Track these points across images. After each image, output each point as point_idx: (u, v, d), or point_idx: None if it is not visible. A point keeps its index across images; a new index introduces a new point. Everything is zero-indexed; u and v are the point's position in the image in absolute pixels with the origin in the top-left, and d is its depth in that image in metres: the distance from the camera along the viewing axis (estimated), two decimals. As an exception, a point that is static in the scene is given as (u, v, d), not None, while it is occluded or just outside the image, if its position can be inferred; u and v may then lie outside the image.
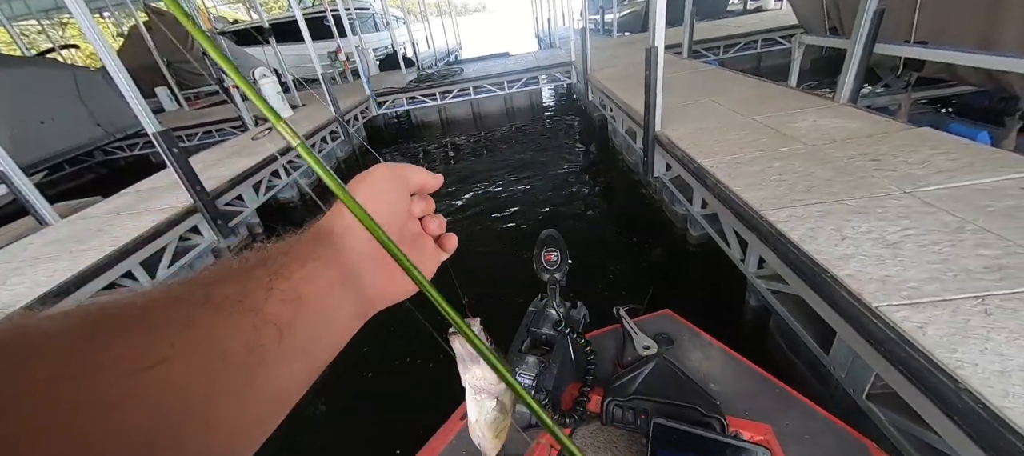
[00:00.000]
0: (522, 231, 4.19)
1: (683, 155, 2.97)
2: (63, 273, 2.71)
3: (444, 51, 16.14)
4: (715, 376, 1.07)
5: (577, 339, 1.04)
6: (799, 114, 3.25)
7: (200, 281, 0.25)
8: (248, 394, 0.24)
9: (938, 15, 3.19)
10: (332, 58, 10.76)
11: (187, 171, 3.50)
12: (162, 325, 0.22)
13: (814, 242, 1.82)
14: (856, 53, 3.14)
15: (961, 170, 2.13)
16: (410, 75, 9.83)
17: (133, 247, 3.06)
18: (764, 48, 7.90)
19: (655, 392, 0.95)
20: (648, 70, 3.16)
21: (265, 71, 6.97)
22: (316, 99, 7.58)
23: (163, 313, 0.22)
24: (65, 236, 3.37)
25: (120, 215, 3.64)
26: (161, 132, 3.33)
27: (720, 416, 0.86)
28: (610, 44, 9.86)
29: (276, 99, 6.95)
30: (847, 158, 2.45)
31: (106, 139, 7.37)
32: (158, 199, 3.87)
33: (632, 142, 4.41)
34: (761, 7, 11.11)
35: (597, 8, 12.38)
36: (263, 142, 5.45)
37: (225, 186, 4.09)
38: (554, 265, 1.03)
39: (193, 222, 3.64)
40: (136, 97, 3.21)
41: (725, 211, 2.42)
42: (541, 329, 1.04)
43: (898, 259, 1.64)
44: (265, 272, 0.28)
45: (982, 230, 1.70)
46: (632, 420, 0.92)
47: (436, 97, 8.10)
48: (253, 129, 6.60)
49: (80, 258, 2.92)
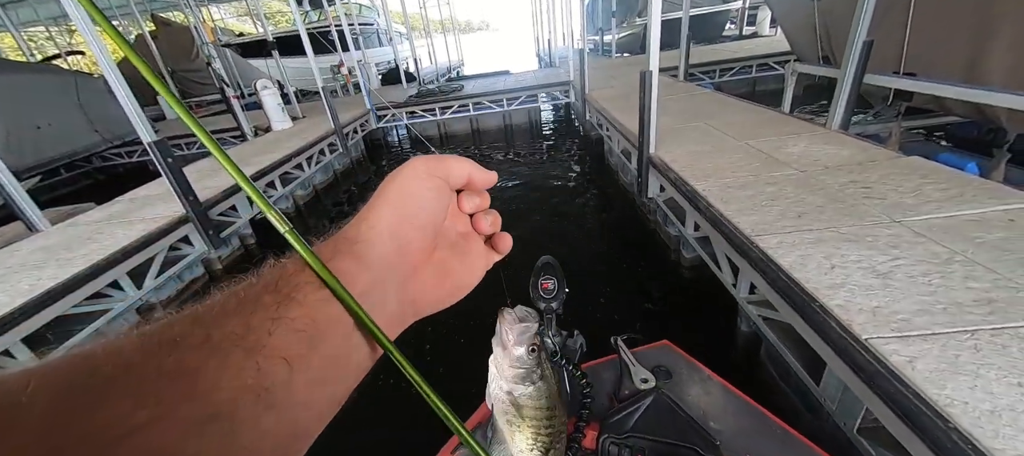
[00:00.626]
0: (515, 250, 4.17)
1: (676, 177, 2.98)
2: (48, 281, 2.67)
3: (446, 67, 16.38)
4: (714, 413, 1.04)
5: (573, 371, 1.01)
6: (791, 140, 3.28)
7: (202, 316, 0.23)
8: (254, 442, 0.22)
9: (926, 48, 3.26)
10: (334, 71, 10.89)
11: (181, 180, 3.49)
12: (152, 379, 0.20)
13: (804, 270, 1.82)
14: (846, 82, 3.19)
15: (951, 200, 2.14)
16: (411, 90, 9.93)
17: (121, 257, 3.02)
18: (759, 73, 8.04)
19: (653, 429, 0.93)
20: (643, 93, 3.20)
21: (267, 83, 7.04)
22: (316, 111, 7.64)
23: (155, 363, 0.20)
24: (54, 243, 3.34)
25: (112, 223, 3.61)
26: (156, 142, 3.33)
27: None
28: (609, 65, 10.02)
29: (276, 110, 7.00)
30: (838, 185, 2.47)
31: (104, 145, 7.38)
32: (151, 207, 3.85)
33: (627, 162, 4.44)
34: (757, 33, 11.37)
35: (597, 29, 12.64)
36: (261, 153, 5.46)
37: (219, 196, 4.07)
38: (551, 293, 1.00)
39: (184, 232, 3.61)
40: (133, 106, 3.23)
41: (717, 235, 2.42)
42: None
43: (888, 289, 1.64)
44: (274, 299, 0.25)
45: (971, 262, 1.70)
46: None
47: (436, 112, 8.18)
48: (252, 139, 6.63)
49: (67, 266, 2.88)
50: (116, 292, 3.05)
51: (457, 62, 18.66)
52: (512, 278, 0.47)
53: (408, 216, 0.32)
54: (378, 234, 0.30)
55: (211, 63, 7.12)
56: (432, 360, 2.94)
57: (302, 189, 5.82)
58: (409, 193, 0.32)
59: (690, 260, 3.27)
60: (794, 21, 4.94)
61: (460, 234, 0.38)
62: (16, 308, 2.42)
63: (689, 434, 0.90)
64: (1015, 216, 1.95)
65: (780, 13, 5.43)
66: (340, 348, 0.27)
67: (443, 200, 0.35)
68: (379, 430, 2.49)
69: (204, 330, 0.22)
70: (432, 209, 0.34)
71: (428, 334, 3.10)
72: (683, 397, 1.07)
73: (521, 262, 1.06)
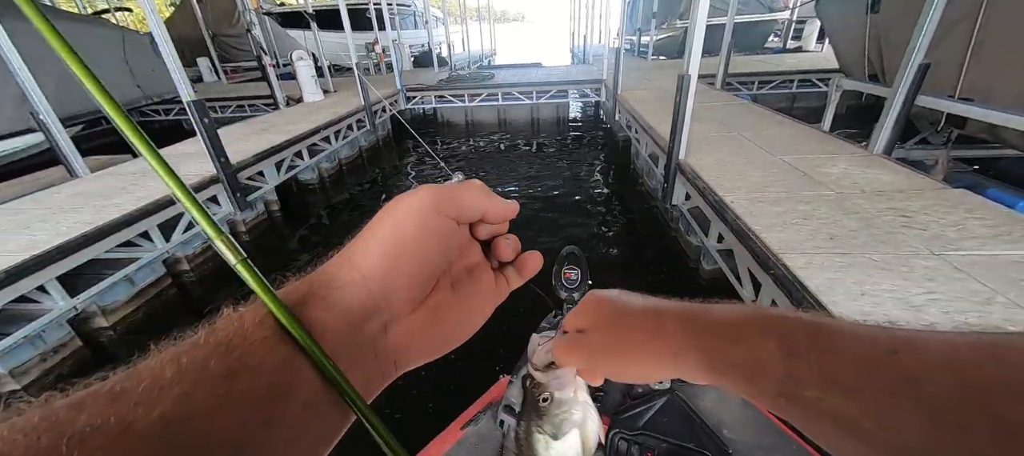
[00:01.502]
0: (533, 241, 4.16)
1: (704, 186, 2.90)
2: (84, 226, 2.80)
3: (478, 55, 16.35)
4: (729, 422, 1.00)
5: None
6: (829, 160, 3.15)
7: (124, 394, 0.17)
8: None
9: (987, 73, 3.07)
10: (369, 49, 11.01)
11: (214, 142, 3.60)
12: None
13: (832, 293, 1.74)
14: (896, 103, 3.03)
15: (997, 238, 2.02)
16: (442, 74, 9.96)
17: (154, 209, 3.15)
18: (800, 88, 7.73)
19: (664, 430, 0.91)
20: (678, 96, 3.12)
21: (302, 54, 7.16)
22: (347, 86, 7.74)
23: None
24: (92, 189, 3.49)
25: (147, 176, 3.75)
26: (195, 101, 3.43)
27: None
28: (644, 66, 9.82)
29: (310, 82, 7.12)
30: (876, 211, 2.36)
31: (144, 101, 7.66)
32: (184, 165, 3.98)
33: (654, 167, 4.35)
34: (801, 48, 10.92)
35: (635, 29, 12.37)
36: (291, 122, 5.57)
37: (250, 160, 4.18)
38: (574, 284, 1.01)
39: (213, 191, 3.73)
40: (177, 65, 3.33)
41: (741, 249, 2.35)
42: None
43: (921, 324, 1.55)
44: (223, 365, 0.20)
45: (1013, 304, 1.61)
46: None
47: (464, 99, 8.18)
48: (284, 108, 6.77)
49: (103, 212, 3.01)
50: (146, 242, 3.18)
51: (490, 51, 18.60)
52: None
53: (400, 263, 0.26)
54: (361, 279, 0.26)
55: (251, 30, 7.27)
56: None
57: (328, 162, 5.92)
58: (405, 235, 0.27)
59: (710, 272, 3.19)
60: (845, 34, 4.71)
61: (466, 268, 0.32)
62: (54, 247, 2.55)
63: (702, 439, 0.88)
64: (1068, 262, 1.82)
65: (830, 25, 5.19)
66: (302, 420, 0.22)
67: (450, 243, 0.30)
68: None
69: (124, 416, 0.16)
70: (433, 256, 0.28)
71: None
72: (698, 402, 1.05)
73: (545, 250, 1.05)
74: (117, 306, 3.04)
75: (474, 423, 1.04)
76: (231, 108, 8.26)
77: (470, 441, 1.00)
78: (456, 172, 0.48)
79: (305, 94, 7.15)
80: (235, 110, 8.23)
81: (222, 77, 10.94)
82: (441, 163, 6.01)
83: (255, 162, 4.26)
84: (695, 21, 2.85)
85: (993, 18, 3.00)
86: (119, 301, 3.05)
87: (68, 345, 2.73)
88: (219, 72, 10.95)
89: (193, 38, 10.64)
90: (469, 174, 4.33)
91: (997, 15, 2.98)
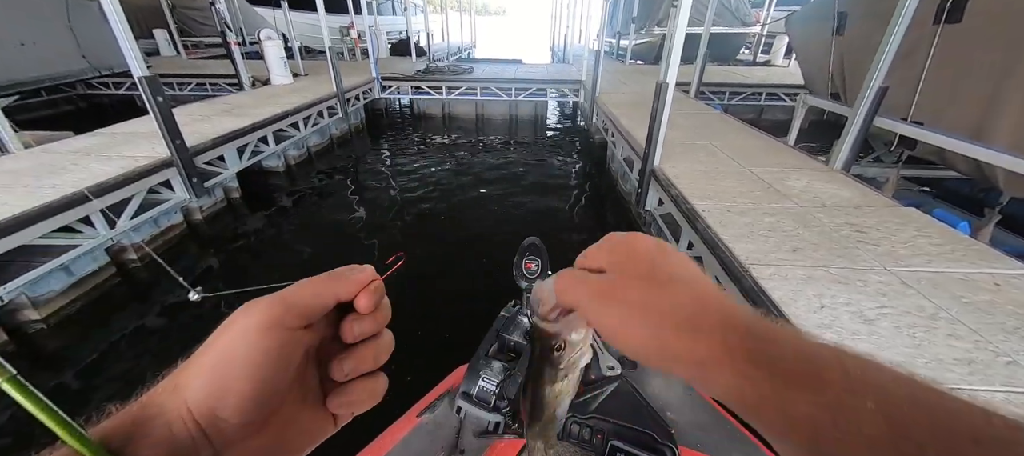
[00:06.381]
0: (502, 238, 4.14)
1: (677, 194, 2.96)
2: (12, 209, 2.53)
3: (457, 46, 16.10)
4: (673, 405, 1.08)
5: None
6: (794, 173, 3.28)
7: None
8: None
9: (938, 100, 3.28)
10: (343, 33, 10.60)
11: (169, 122, 3.34)
12: None
13: (794, 305, 1.81)
14: (856, 123, 3.19)
15: (942, 256, 2.16)
16: (420, 64, 9.73)
17: (96, 192, 2.89)
18: (767, 101, 8.07)
19: (614, 413, 0.96)
20: (656, 104, 3.15)
21: (271, 34, 6.81)
22: (319, 71, 7.42)
23: None
24: (24, 167, 3.17)
25: (89, 155, 3.45)
26: (148, 77, 3.17)
27: (673, 445, 0.88)
28: (621, 70, 9.95)
29: (278, 63, 6.78)
30: (834, 225, 2.47)
31: (91, 73, 7.05)
32: (134, 145, 3.68)
33: (629, 171, 4.41)
34: (770, 61, 11.39)
35: (614, 32, 12.52)
36: (257, 104, 5.28)
37: (208, 144, 3.92)
38: (534, 274, 1.03)
39: (166, 175, 3.47)
40: (127, 35, 3.06)
41: (711, 258, 2.40)
42: (511, 336, 1.03)
43: (874, 337, 1.63)
44: None
45: (956, 320, 1.71)
46: (588, 438, 0.92)
47: (442, 91, 8.02)
48: (249, 89, 6.41)
49: (36, 193, 2.74)
50: (87, 228, 2.92)
51: (469, 43, 18.36)
52: (496, 256, 0.42)
53: (232, 386, 0.24)
54: (187, 411, 0.24)
55: (215, 3, 6.83)
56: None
57: (296, 149, 5.66)
58: (236, 357, 0.25)
59: (678, 277, 3.26)
60: (811, 53, 4.93)
61: (303, 395, 0.29)
62: (-25, 231, 2.29)
63: (647, 421, 0.94)
64: (1001, 281, 1.97)
65: (798, 43, 5.42)
66: None
67: (293, 352, 0.27)
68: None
69: None
70: (270, 373, 0.25)
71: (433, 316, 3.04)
72: (645, 387, 1.11)
73: (511, 244, 1.05)
74: (51, 297, 2.77)
75: (431, 410, 1.05)
76: (190, 86, 7.75)
77: (426, 428, 1.01)
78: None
79: (273, 76, 6.80)
80: (195, 88, 7.72)
81: (181, 52, 10.25)
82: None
83: (215, 146, 4.01)
84: (675, 30, 2.89)
85: (945, 48, 3.20)
86: (53, 292, 2.78)
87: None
88: (178, 46, 10.25)
89: (149, 7, 9.91)
90: (445, 166, 4.23)
91: (948, 45, 3.19)
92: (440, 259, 3.75)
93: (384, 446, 0.98)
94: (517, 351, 1.02)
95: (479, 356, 1.00)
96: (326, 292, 0.28)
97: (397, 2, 16.73)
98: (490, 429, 0.92)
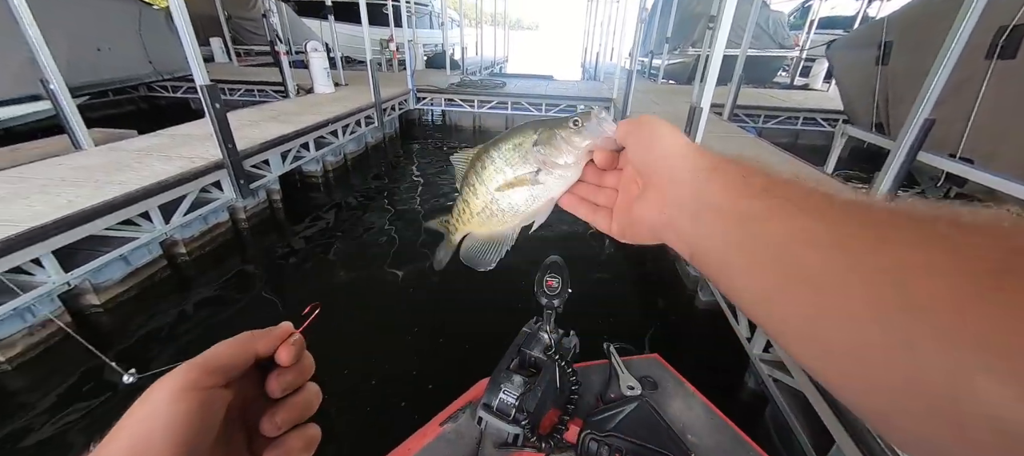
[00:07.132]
0: (524, 249, 4.18)
1: (706, 220, 2.92)
2: (85, 201, 2.78)
3: (491, 60, 16.46)
4: (694, 428, 1.07)
5: (565, 367, 1.06)
6: (831, 204, 3.18)
7: None
8: None
9: (991, 137, 3.13)
10: (383, 45, 11.06)
11: (223, 126, 3.59)
12: None
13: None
14: (899, 157, 3.08)
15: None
16: (454, 78, 10.02)
17: (156, 189, 3.13)
18: (804, 126, 7.84)
19: (632, 433, 0.97)
20: (689, 128, 3.15)
21: (317, 45, 7.18)
22: (358, 81, 7.76)
23: None
24: (95, 164, 3.47)
25: (151, 155, 3.74)
26: (208, 86, 3.43)
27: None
28: (653, 89, 9.91)
29: (321, 73, 7.14)
30: (874, 262, 2.38)
31: (154, 77, 7.64)
32: (190, 147, 3.97)
33: (657, 192, 4.38)
34: (808, 85, 11.07)
35: (647, 51, 12.50)
36: (301, 112, 5.58)
37: (256, 148, 4.18)
38: (554, 291, 1.05)
39: (217, 176, 3.71)
40: (194, 47, 3.32)
41: (739, 287, 2.36)
42: (531, 351, 1.06)
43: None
44: None
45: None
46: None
47: (474, 104, 8.22)
48: (294, 97, 6.78)
49: (104, 188, 3.00)
50: (145, 222, 3.16)
51: (502, 57, 18.73)
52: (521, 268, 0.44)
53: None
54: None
55: (267, 15, 7.30)
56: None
57: (333, 156, 5.92)
58: (155, 427, 0.25)
59: (706, 303, 3.20)
60: (853, 81, 4.79)
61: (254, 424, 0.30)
62: (52, 221, 2.53)
63: (666, 443, 0.94)
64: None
65: (839, 71, 5.27)
66: None
67: (211, 420, 0.27)
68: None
69: None
70: (191, 436, 0.26)
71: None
72: (666, 408, 1.11)
73: (533, 260, 1.09)
74: (110, 284, 3.01)
75: (453, 420, 1.08)
76: (240, 91, 8.25)
77: (448, 437, 1.04)
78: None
79: (316, 85, 7.16)
80: (244, 94, 8.22)
81: (233, 59, 10.94)
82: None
83: (261, 150, 4.26)
84: (712, 53, 2.90)
85: (998, 84, 3.06)
86: (113, 280, 3.02)
87: (56, 320, 2.70)
88: (231, 54, 10.95)
89: (207, 17, 10.67)
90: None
91: (1002, 81, 3.05)
92: (464, 275, 3.81)
93: (408, 451, 1.02)
94: (537, 366, 1.05)
95: (500, 369, 1.02)
96: (244, 350, 0.30)
97: (434, 16, 17.30)
98: (509, 441, 0.94)
